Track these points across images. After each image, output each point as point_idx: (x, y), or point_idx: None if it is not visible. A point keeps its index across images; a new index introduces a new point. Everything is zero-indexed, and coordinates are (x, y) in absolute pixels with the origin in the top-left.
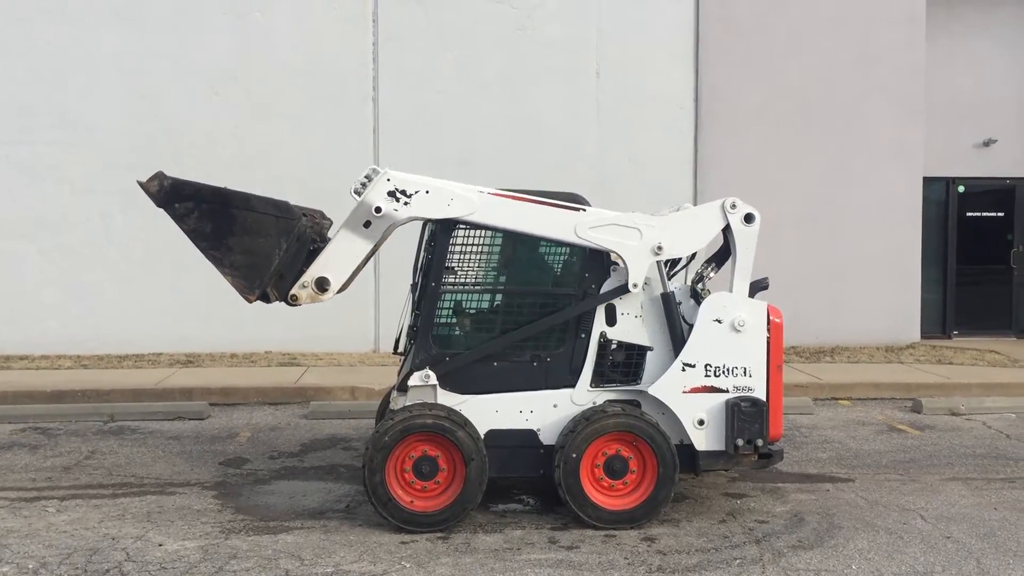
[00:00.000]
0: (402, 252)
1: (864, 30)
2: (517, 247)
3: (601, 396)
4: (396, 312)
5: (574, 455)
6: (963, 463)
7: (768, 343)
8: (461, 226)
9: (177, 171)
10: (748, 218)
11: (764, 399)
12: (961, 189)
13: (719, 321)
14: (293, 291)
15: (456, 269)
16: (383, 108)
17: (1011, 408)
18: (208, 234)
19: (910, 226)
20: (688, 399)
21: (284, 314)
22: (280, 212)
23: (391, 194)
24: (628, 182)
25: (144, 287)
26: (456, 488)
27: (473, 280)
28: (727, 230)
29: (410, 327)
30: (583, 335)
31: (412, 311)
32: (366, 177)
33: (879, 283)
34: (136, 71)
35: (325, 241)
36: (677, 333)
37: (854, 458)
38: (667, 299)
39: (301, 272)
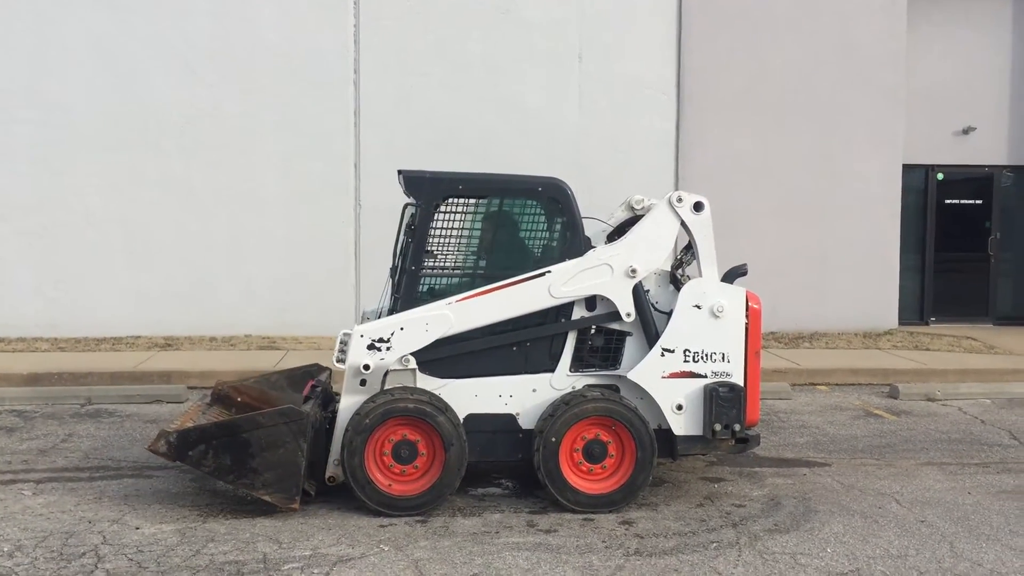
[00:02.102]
0: (382, 235)
1: (845, 17)
2: (497, 232)
3: (580, 381)
4: (376, 297)
5: (553, 439)
6: (938, 448)
7: (746, 329)
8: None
9: (156, 153)
10: (697, 207)
11: (742, 384)
12: (940, 177)
13: (698, 307)
14: (329, 474)
15: (436, 253)
16: (364, 91)
17: (986, 394)
18: (231, 467)
19: (889, 213)
20: (667, 384)
21: (263, 298)
22: (288, 417)
23: (370, 347)
24: (610, 166)
25: (122, 269)
26: (435, 472)
27: (453, 264)
28: (683, 223)
29: (389, 311)
30: (563, 320)
31: (391, 295)
32: (342, 343)
33: (858, 270)
34: (114, 52)
35: (336, 399)
36: (647, 319)
37: (831, 443)
38: (636, 289)
39: (328, 451)
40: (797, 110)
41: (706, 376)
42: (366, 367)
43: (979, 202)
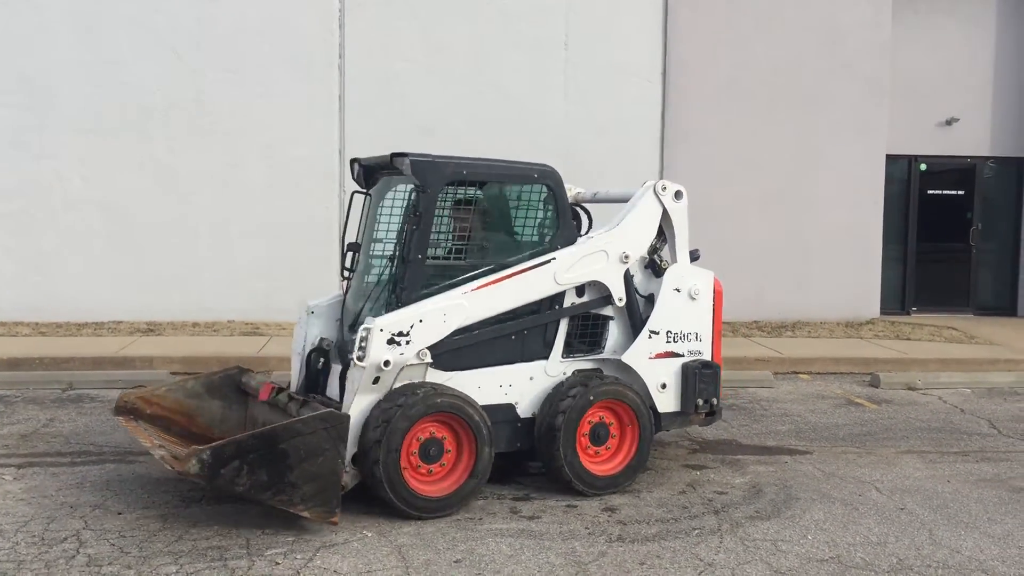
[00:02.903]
0: None
1: (831, 7)
2: (498, 219)
3: (570, 367)
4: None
5: (571, 424)
6: (918, 437)
7: (713, 309)
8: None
9: (140, 137)
10: (677, 195)
11: (712, 360)
12: (923, 167)
13: (678, 290)
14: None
15: (441, 241)
16: (349, 75)
17: (966, 383)
18: (267, 483)
19: (872, 203)
20: (653, 364)
21: (247, 283)
22: (328, 422)
23: (390, 342)
24: (595, 154)
25: (104, 254)
26: (463, 470)
27: (455, 252)
28: (664, 210)
29: (387, 304)
30: (557, 307)
31: (396, 286)
32: (361, 339)
33: (841, 259)
34: (97, 34)
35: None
36: (634, 303)
37: (812, 431)
38: (626, 274)
39: None
40: (782, 99)
41: (684, 355)
42: (386, 363)
43: (961, 193)
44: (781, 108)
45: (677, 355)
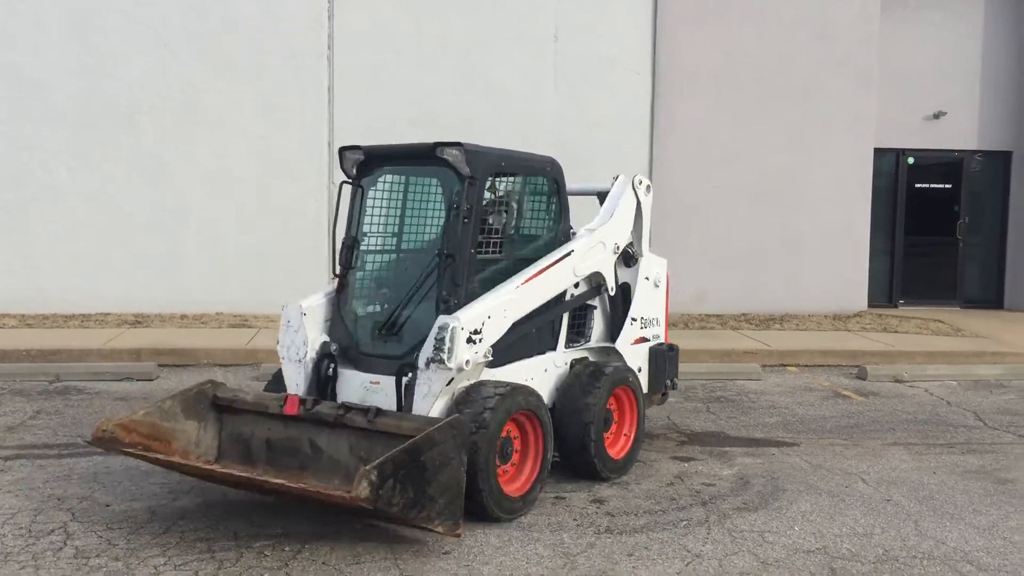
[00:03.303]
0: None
1: (821, 1)
2: (523, 211)
3: (569, 357)
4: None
5: (596, 412)
6: (905, 429)
7: (666, 295)
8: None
9: (129, 129)
10: (648, 189)
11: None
12: (911, 161)
13: (647, 279)
14: None
15: (489, 234)
16: (338, 66)
17: (953, 376)
18: (413, 500)
19: (860, 196)
20: (633, 349)
21: (235, 275)
22: (455, 428)
23: (468, 341)
24: (585, 146)
25: (92, 246)
26: (531, 470)
27: (491, 246)
28: (639, 203)
29: (441, 299)
30: (567, 298)
31: (449, 281)
32: (439, 339)
33: (829, 252)
34: (85, 25)
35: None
36: (617, 292)
37: (800, 423)
38: (614, 264)
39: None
40: (771, 92)
41: (650, 340)
42: (467, 363)
43: (949, 186)
44: (770, 101)
45: (646, 340)
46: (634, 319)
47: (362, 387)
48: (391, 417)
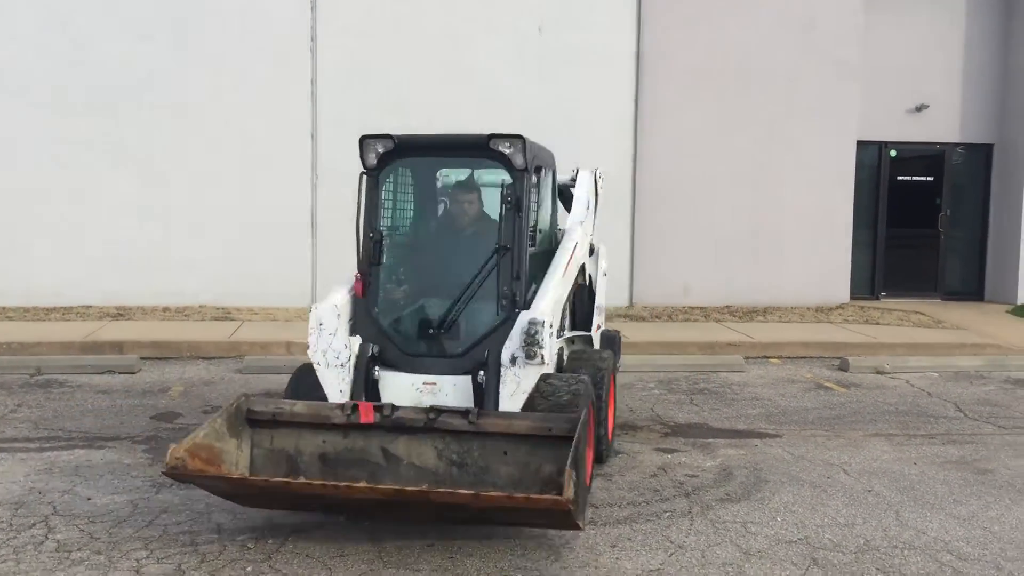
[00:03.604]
0: (339, 205)
1: None
2: (542, 202)
3: (559, 344)
4: (333, 268)
5: (605, 400)
6: (886, 420)
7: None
8: None
9: (110, 120)
10: (603, 181)
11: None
12: (893, 153)
13: (602, 268)
14: None
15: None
16: (321, 58)
17: (934, 367)
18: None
19: (842, 189)
20: (596, 336)
21: (218, 268)
22: (586, 423)
23: (550, 334)
24: (568, 137)
25: (72, 238)
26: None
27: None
28: (596, 193)
29: (504, 291)
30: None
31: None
32: (530, 335)
33: (811, 244)
34: (66, 17)
35: None
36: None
37: (782, 415)
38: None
39: None
40: (754, 84)
41: (601, 326)
42: (553, 355)
43: (930, 179)
44: (753, 93)
45: (600, 326)
46: (598, 307)
47: (414, 389)
48: (498, 417)
